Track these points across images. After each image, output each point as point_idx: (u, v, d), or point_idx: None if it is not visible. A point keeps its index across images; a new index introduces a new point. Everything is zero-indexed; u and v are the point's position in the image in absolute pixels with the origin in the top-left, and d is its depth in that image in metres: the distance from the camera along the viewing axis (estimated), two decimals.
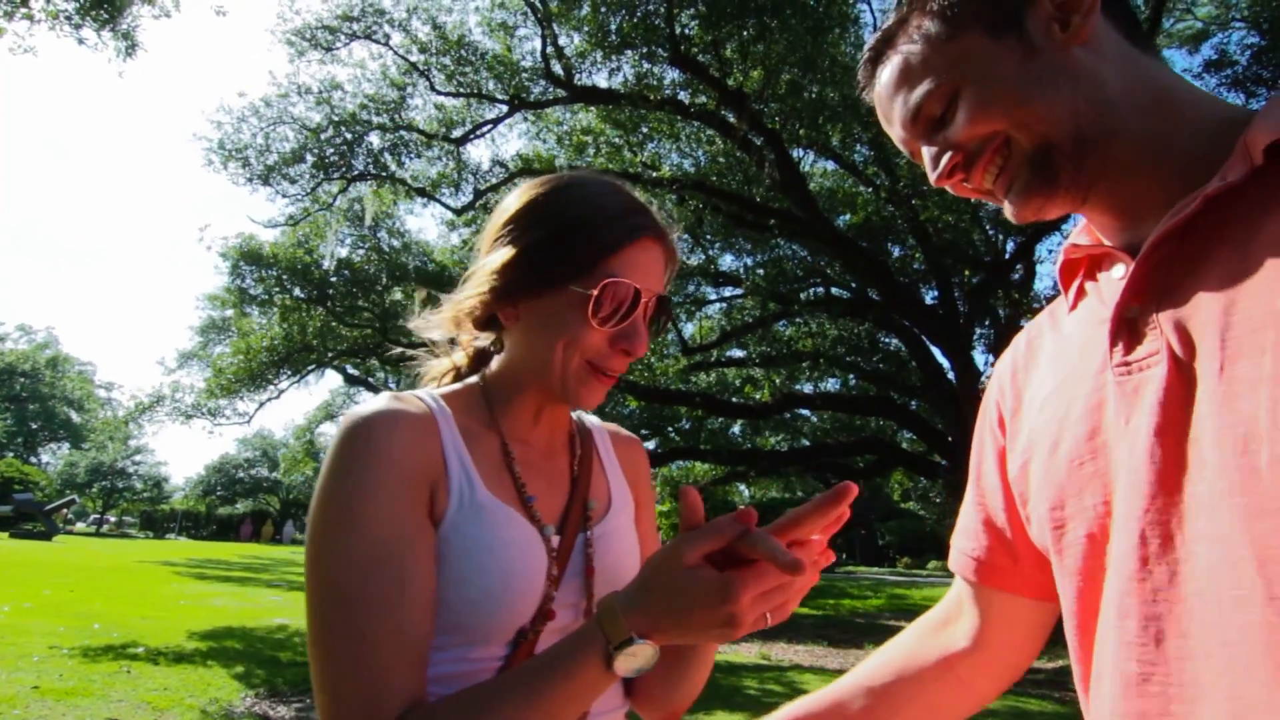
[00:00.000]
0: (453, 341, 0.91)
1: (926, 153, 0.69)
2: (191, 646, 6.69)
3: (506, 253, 0.78)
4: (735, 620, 0.59)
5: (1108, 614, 0.55)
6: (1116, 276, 0.62)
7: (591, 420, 0.95)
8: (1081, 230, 0.71)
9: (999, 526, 0.77)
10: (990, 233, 11.46)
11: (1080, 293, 0.68)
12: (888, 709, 0.83)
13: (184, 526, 46.74)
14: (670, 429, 16.88)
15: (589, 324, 0.75)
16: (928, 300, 12.27)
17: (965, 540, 0.83)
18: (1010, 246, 11.36)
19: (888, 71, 0.69)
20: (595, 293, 0.74)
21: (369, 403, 0.73)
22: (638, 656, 0.62)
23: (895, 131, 0.72)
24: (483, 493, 0.73)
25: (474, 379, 0.85)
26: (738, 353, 15.45)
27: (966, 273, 11.64)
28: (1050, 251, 20.01)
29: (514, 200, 0.82)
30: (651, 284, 0.78)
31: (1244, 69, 9.69)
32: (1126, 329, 0.57)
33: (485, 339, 0.88)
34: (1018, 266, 11.48)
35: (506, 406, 0.82)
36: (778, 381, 14.29)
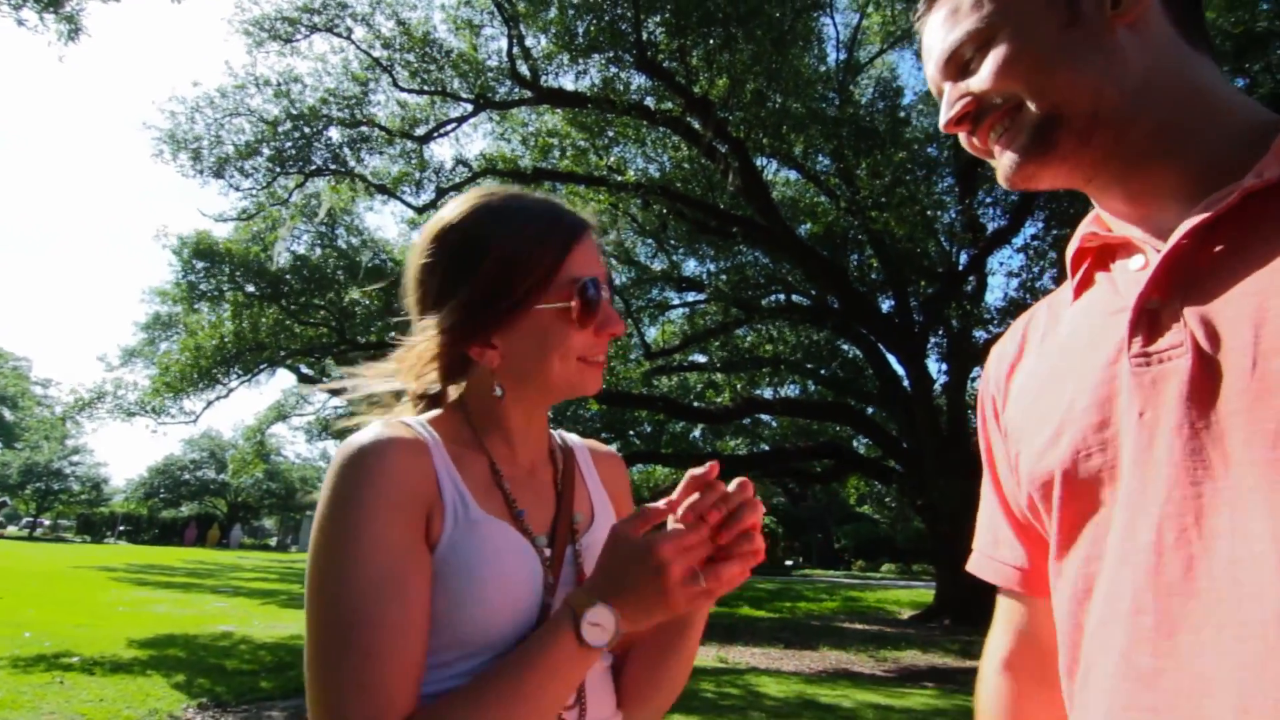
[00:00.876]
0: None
1: (947, 93, 0.69)
2: (130, 655, 6.42)
3: (463, 294, 0.80)
4: (662, 571, 0.66)
5: (1113, 606, 0.55)
6: (1134, 268, 0.61)
7: (572, 438, 0.98)
8: (1091, 220, 0.70)
9: (1034, 528, 0.73)
10: (945, 245, 11.79)
11: (1086, 282, 0.68)
12: None
13: (124, 530, 44.85)
14: (632, 432, 16.89)
15: (575, 329, 0.80)
16: (884, 309, 12.55)
17: (1001, 549, 0.78)
18: (964, 259, 11.70)
19: (943, 7, 0.69)
20: (575, 303, 0.79)
21: (363, 431, 0.76)
22: (603, 626, 0.68)
23: (929, 69, 0.72)
24: (476, 510, 0.76)
25: (453, 405, 0.87)
26: (700, 357, 15.57)
27: (922, 283, 11.95)
28: (1001, 264, 20.71)
29: (443, 241, 0.83)
30: (600, 270, 0.84)
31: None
32: (1147, 320, 0.56)
33: (442, 385, 0.88)
34: (970, 278, 11.82)
35: (491, 430, 0.85)
36: (739, 386, 14.44)
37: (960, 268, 11.58)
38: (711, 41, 8.97)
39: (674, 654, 0.85)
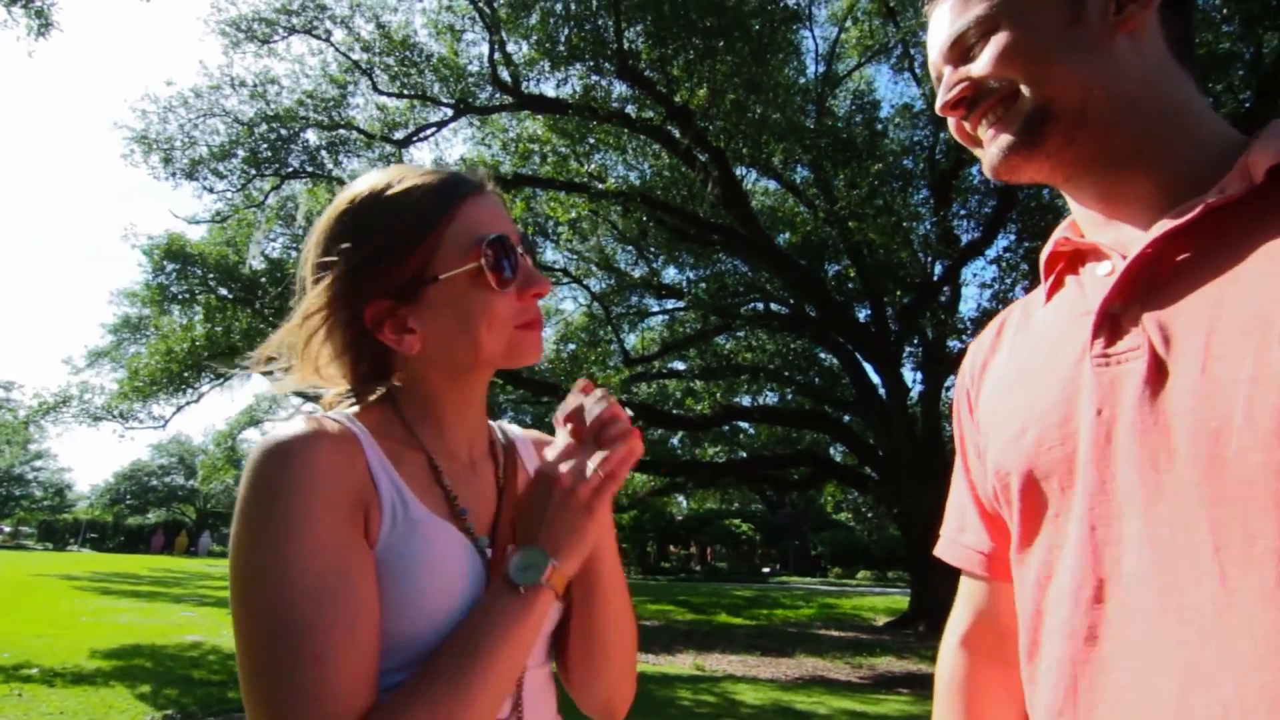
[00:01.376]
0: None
1: (946, 77, 0.71)
2: (93, 666, 6.25)
3: (345, 258, 0.74)
4: (555, 484, 0.69)
5: (1068, 592, 0.59)
6: (1102, 273, 0.64)
7: (513, 430, 0.93)
8: (1066, 226, 0.73)
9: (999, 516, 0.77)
10: (920, 255, 11.97)
11: (1057, 285, 0.71)
12: None
13: (88, 538, 43.69)
14: None
15: (495, 295, 0.74)
16: (861, 318, 12.70)
17: (966, 534, 0.82)
18: (938, 270, 11.89)
19: None
20: (487, 260, 0.73)
21: (285, 425, 0.69)
22: (532, 564, 0.68)
23: (932, 53, 0.73)
24: (417, 508, 0.71)
25: (381, 396, 0.80)
26: (679, 365, 15.61)
27: (898, 293, 12.11)
28: (974, 275, 21.06)
29: (329, 218, 0.78)
30: (507, 227, 0.77)
31: None
32: (1109, 323, 0.60)
33: (356, 383, 0.80)
34: (944, 289, 12.01)
35: (425, 421, 0.79)
36: (717, 394, 14.50)
37: (935, 278, 11.76)
38: (692, 52, 9.05)
39: (600, 606, 0.79)
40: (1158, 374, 0.55)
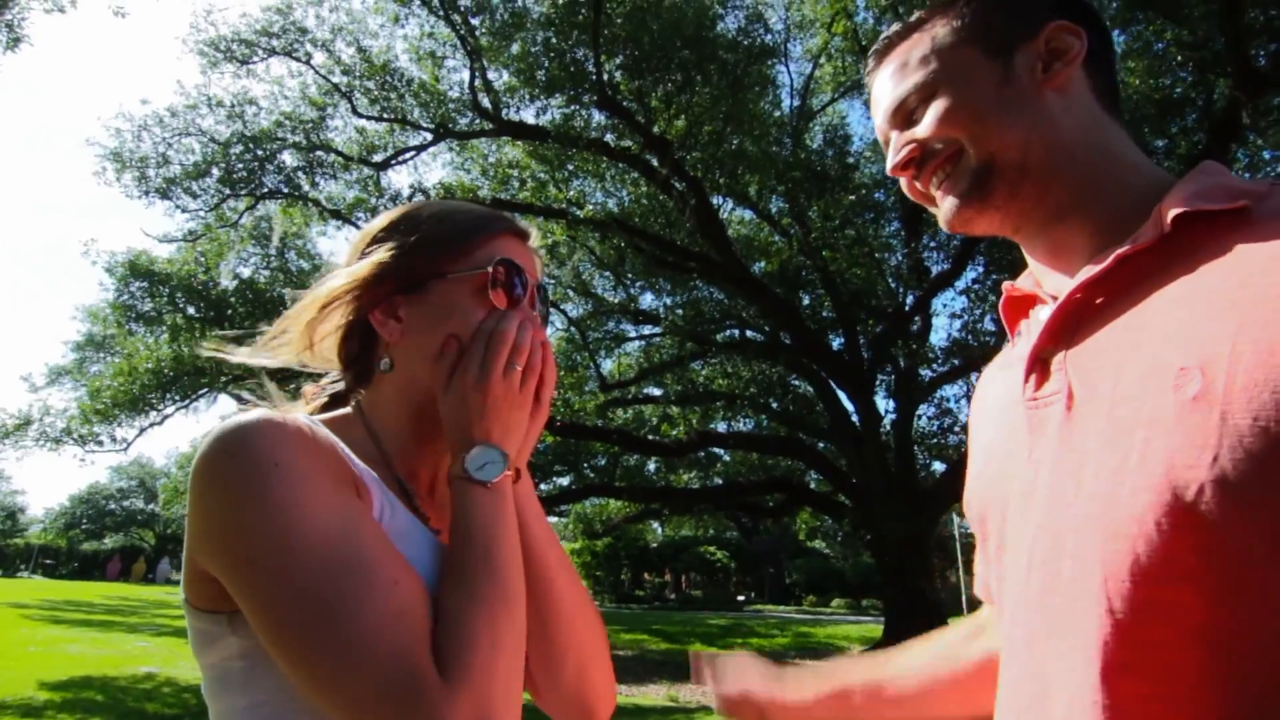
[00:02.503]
0: (289, 387, 0.84)
1: (894, 140, 0.75)
2: (43, 698, 5.98)
3: (383, 250, 0.76)
4: (464, 378, 0.71)
5: (1006, 620, 0.63)
6: (1041, 318, 0.67)
7: None
8: (1026, 274, 0.77)
9: None
10: (893, 285, 12.20)
11: (1013, 331, 0.76)
12: (926, 692, 0.90)
13: (41, 564, 41.98)
14: (586, 465, 16.74)
15: (488, 305, 0.75)
16: (835, 346, 12.86)
17: (980, 566, 0.86)
18: (910, 300, 12.12)
19: (892, 62, 0.76)
20: (496, 275, 0.75)
21: (243, 414, 0.65)
22: (486, 462, 0.69)
23: (877, 118, 0.78)
24: (405, 516, 0.69)
25: (348, 409, 0.79)
26: (655, 390, 15.61)
27: (870, 322, 12.31)
28: (944, 305, 21.51)
29: (383, 217, 0.82)
30: (532, 271, 0.81)
31: None
32: (1040, 367, 0.64)
33: (341, 359, 0.81)
34: (916, 319, 12.23)
35: (394, 435, 0.76)
36: (693, 420, 14.51)
37: (906, 308, 11.99)
38: (670, 84, 9.23)
39: (538, 576, 0.74)
40: (1073, 415, 0.58)
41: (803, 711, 0.92)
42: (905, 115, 0.74)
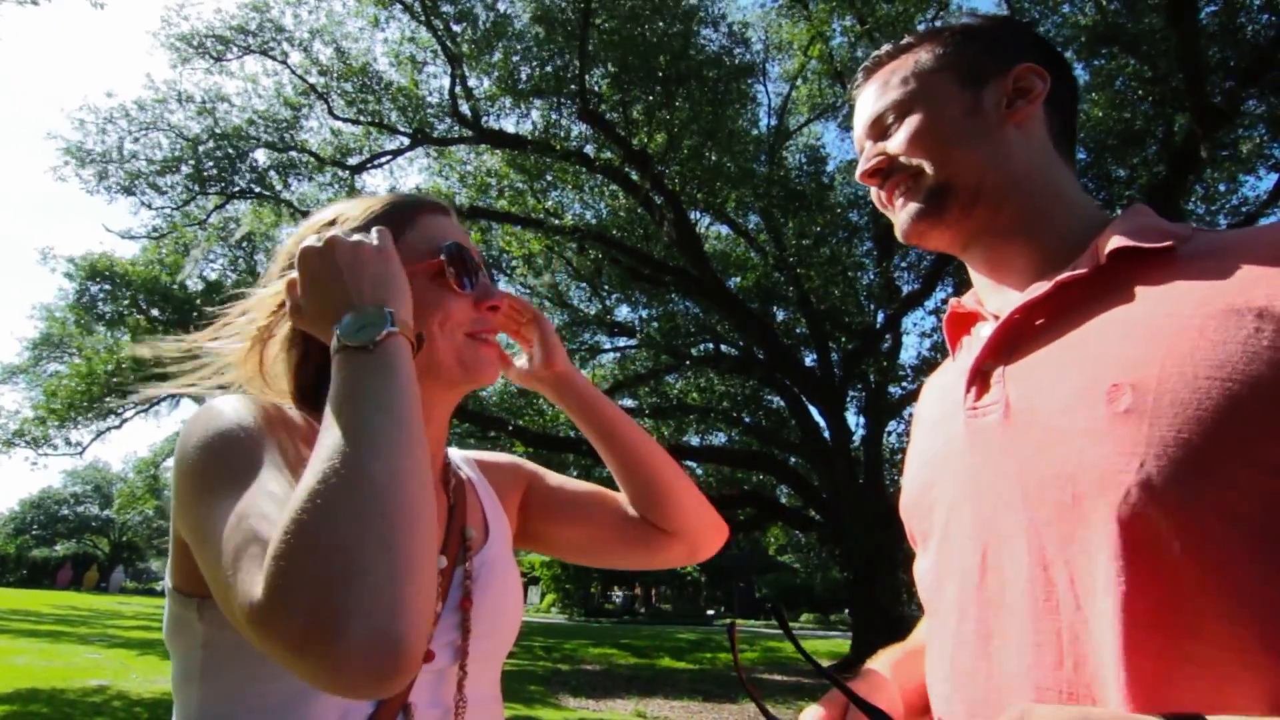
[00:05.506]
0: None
1: (867, 149, 0.81)
2: None
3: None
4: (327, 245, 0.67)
5: (949, 616, 0.67)
6: (984, 334, 0.73)
7: (454, 453, 0.92)
8: (970, 293, 0.83)
9: None
10: (865, 304, 12.38)
11: (955, 346, 0.81)
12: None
13: None
14: None
15: (452, 295, 0.75)
16: (807, 362, 12.99)
17: (919, 570, 0.93)
18: (881, 318, 12.31)
19: (877, 80, 0.81)
20: (448, 258, 0.75)
21: (223, 396, 0.68)
22: (363, 325, 0.61)
23: (857, 128, 0.84)
24: None
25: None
26: (629, 402, 15.59)
27: (843, 339, 12.46)
28: (915, 324, 21.93)
29: (314, 219, 0.80)
30: (470, 245, 0.81)
31: None
32: (980, 379, 0.69)
33: (294, 383, 0.77)
34: (887, 337, 12.42)
35: None
36: (666, 433, 14.51)
37: (878, 326, 12.17)
38: (652, 98, 9.30)
39: (615, 438, 0.95)
40: (1010, 425, 0.64)
41: None
42: (881, 128, 0.79)
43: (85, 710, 6.23)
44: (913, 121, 0.76)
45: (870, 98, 0.81)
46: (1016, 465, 0.62)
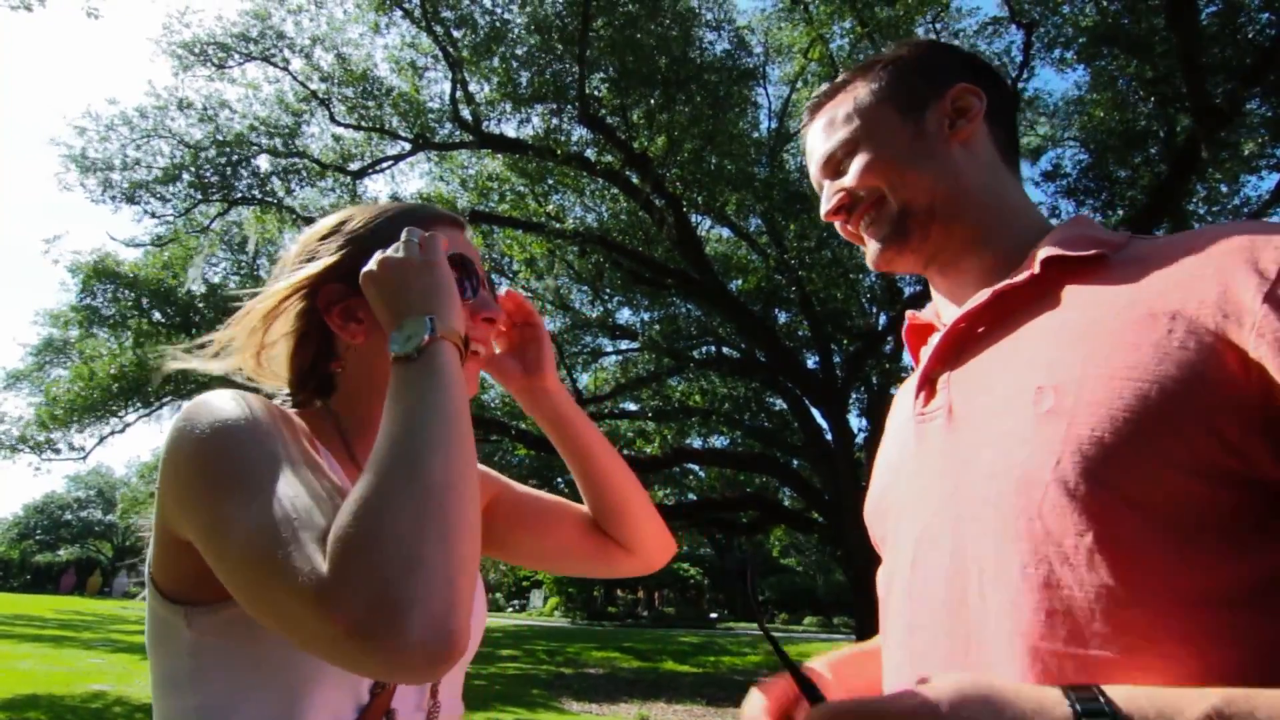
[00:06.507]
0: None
1: (826, 189, 0.84)
2: None
3: (330, 252, 0.78)
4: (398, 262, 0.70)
5: (892, 615, 0.70)
6: (934, 343, 0.76)
7: None
8: (930, 305, 0.86)
9: None
10: (866, 306, 12.37)
11: (915, 355, 0.85)
12: None
13: None
14: (559, 480, 16.62)
15: None
16: (809, 365, 12.98)
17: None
18: (883, 320, 12.30)
19: (821, 118, 0.85)
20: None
21: (215, 391, 0.68)
22: (409, 335, 0.65)
23: (812, 168, 0.87)
24: None
25: (322, 408, 0.80)
26: (631, 406, 15.59)
27: (845, 341, 12.46)
28: None
29: (325, 221, 0.83)
30: (472, 255, 0.82)
31: (1074, 180, 11.25)
32: (929, 386, 0.74)
33: (294, 371, 0.82)
34: (889, 338, 12.41)
35: (362, 441, 0.78)
36: (668, 436, 14.51)
37: (880, 328, 12.16)
38: (652, 102, 9.31)
39: (586, 457, 0.96)
40: (952, 428, 0.68)
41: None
42: (834, 166, 0.83)
43: (85, 716, 6.24)
44: (864, 156, 0.79)
45: (819, 138, 0.85)
46: (954, 466, 0.65)
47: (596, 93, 9.58)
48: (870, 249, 0.82)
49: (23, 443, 13.00)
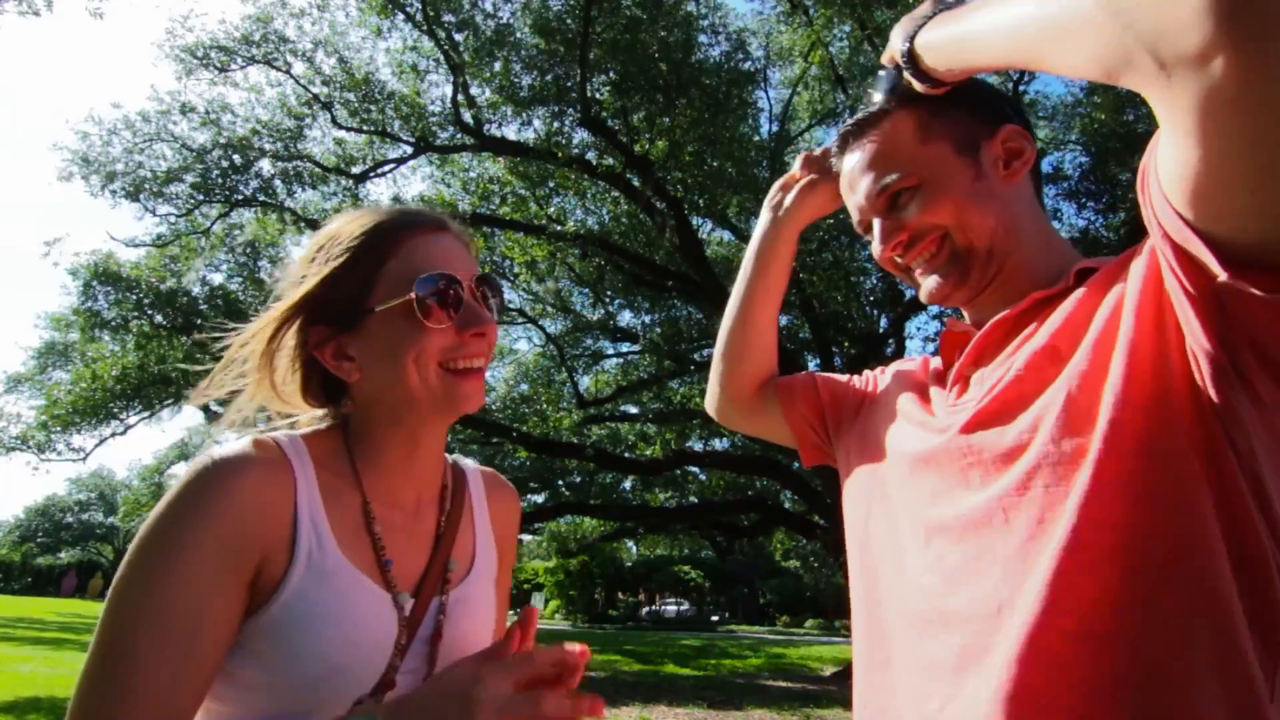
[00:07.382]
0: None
1: (878, 225, 0.85)
2: None
3: (309, 280, 0.77)
4: (478, 701, 0.58)
5: (887, 557, 0.81)
6: (970, 346, 0.83)
7: (467, 464, 0.93)
8: (963, 319, 0.92)
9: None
10: (867, 310, 12.37)
11: (952, 357, 0.90)
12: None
13: None
14: (561, 483, 16.63)
15: (425, 329, 0.74)
16: (811, 367, 12.97)
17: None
18: (884, 323, 12.30)
19: (864, 150, 0.85)
20: (418, 296, 0.73)
21: (228, 446, 0.70)
22: None
23: (856, 199, 0.87)
24: (334, 557, 0.70)
25: (335, 424, 0.81)
26: (632, 408, 15.59)
27: (846, 344, 12.46)
28: (918, 329, 21.92)
29: (312, 243, 0.81)
30: (458, 267, 0.77)
31: (1075, 183, 11.26)
32: (962, 381, 0.82)
33: (305, 400, 0.83)
34: (890, 341, 12.41)
35: (371, 461, 0.78)
36: (669, 438, 14.50)
37: (881, 331, 12.16)
38: (653, 105, 9.32)
39: None
40: (976, 415, 0.74)
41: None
42: (888, 202, 0.83)
43: None
44: (926, 195, 0.80)
45: (866, 174, 0.85)
46: (977, 444, 0.73)
47: (598, 96, 9.60)
48: (926, 284, 0.84)
49: (23, 442, 13.03)
